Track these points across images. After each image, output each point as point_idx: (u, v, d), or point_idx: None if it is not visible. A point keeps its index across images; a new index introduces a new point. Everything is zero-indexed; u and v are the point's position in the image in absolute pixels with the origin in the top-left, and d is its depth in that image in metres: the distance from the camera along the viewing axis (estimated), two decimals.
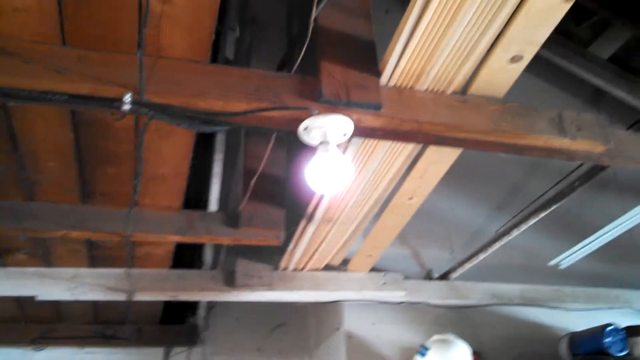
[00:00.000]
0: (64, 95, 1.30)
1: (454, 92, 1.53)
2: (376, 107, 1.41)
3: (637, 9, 2.53)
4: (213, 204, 2.12)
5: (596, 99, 3.04)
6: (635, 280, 3.26)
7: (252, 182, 1.90)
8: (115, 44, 1.34)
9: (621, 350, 2.63)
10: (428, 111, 1.48)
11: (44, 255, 2.35)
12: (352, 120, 1.44)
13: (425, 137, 1.54)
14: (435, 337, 2.44)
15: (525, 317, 3.01)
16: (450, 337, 2.43)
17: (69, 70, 1.29)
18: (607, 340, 2.64)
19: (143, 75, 1.28)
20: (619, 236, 2.65)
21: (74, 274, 2.46)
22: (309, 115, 1.40)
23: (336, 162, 1.44)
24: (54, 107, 1.48)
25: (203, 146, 2.15)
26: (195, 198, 2.23)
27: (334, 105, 1.40)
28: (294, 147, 2.10)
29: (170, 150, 1.73)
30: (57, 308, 3.09)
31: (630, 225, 2.52)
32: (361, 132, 1.50)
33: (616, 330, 2.67)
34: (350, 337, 2.76)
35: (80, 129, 1.63)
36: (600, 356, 2.66)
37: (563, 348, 2.85)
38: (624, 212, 2.44)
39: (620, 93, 2.74)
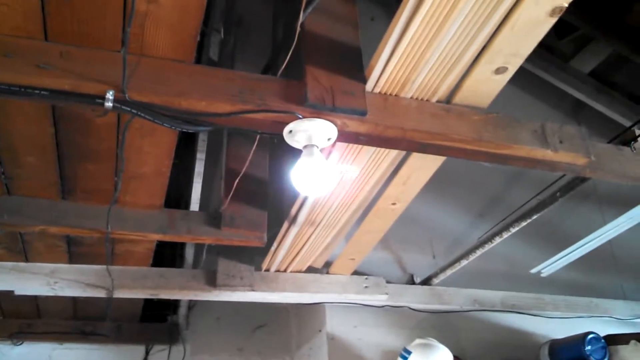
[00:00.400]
0: (45, 91, 1.28)
1: (439, 101, 1.53)
2: (361, 113, 1.41)
3: (618, 25, 2.57)
4: (195, 204, 2.10)
5: (576, 111, 3.09)
6: (614, 290, 3.31)
7: (235, 182, 1.89)
8: (99, 41, 1.32)
9: (602, 359, 2.66)
10: (412, 119, 1.48)
11: (22, 250, 2.32)
12: (337, 125, 1.43)
13: (409, 144, 1.55)
14: (417, 341, 2.44)
15: (506, 323, 3.03)
16: (432, 341, 2.44)
17: (51, 66, 1.27)
18: (588, 348, 2.67)
19: (126, 73, 1.27)
20: (599, 247, 2.68)
21: (53, 269, 2.43)
22: (294, 118, 1.40)
23: (320, 165, 1.44)
24: (34, 102, 1.46)
25: (185, 146, 2.13)
26: (176, 197, 2.21)
27: (319, 110, 1.39)
28: (277, 149, 2.09)
29: (152, 149, 1.71)
30: (35, 303, 3.05)
31: (610, 237, 2.55)
32: (346, 137, 1.49)
33: (597, 338, 2.70)
34: (332, 339, 2.75)
35: (61, 125, 1.60)
36: None
37: (544, 355, 2.87)
38: (604, 223, 2.47)
39: (599, 107, 2.79)
